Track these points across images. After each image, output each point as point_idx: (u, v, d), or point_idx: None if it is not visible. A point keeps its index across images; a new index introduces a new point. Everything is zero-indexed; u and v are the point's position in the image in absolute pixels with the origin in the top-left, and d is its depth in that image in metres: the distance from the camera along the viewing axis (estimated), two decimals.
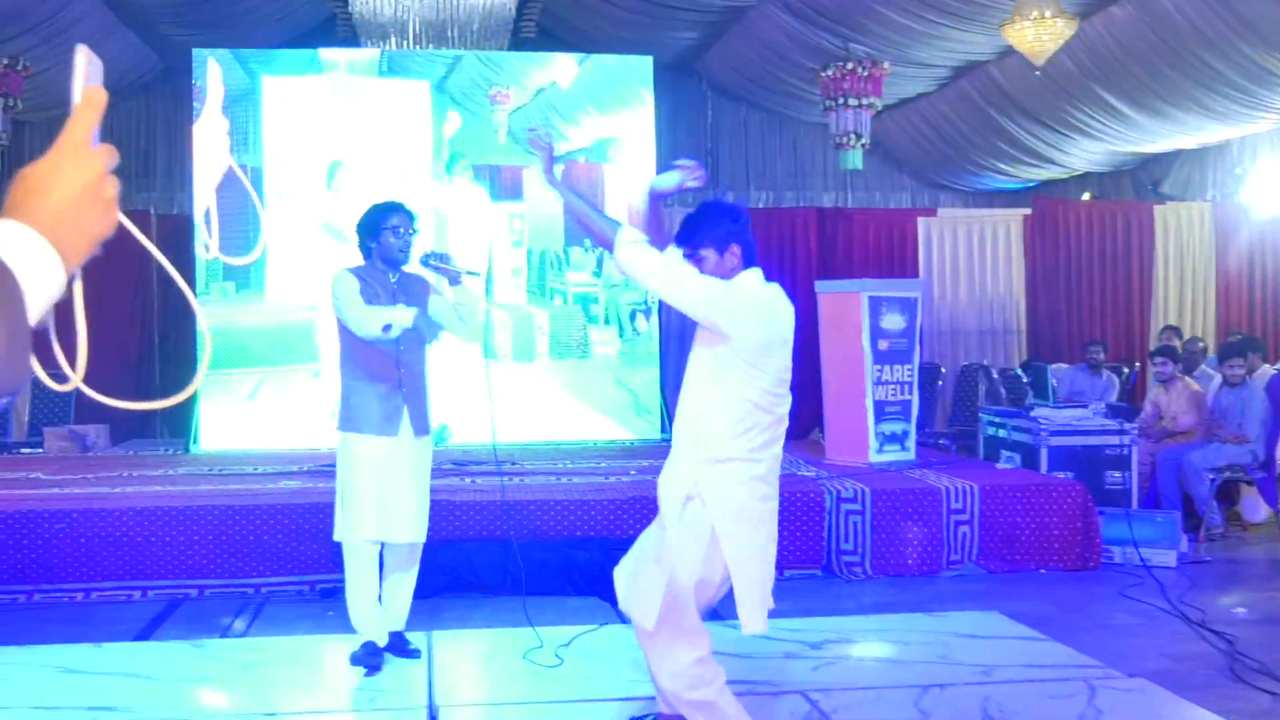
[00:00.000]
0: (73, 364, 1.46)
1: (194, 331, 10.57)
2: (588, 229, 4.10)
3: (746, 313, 3.85)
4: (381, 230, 5.09)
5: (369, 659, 5.06)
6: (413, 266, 5.21)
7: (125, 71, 11.79)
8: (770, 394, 3.86)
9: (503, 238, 11.02)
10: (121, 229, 1.42)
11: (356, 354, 5.08)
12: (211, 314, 10.38)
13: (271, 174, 10.69)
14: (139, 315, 11.82)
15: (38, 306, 1.26)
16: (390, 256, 5.10)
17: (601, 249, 4.12)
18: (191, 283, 10.54)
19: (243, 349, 10.44)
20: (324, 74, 10.96)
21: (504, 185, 11.10)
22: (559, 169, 4.45)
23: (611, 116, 11.26)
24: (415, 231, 5.16)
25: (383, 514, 4.99)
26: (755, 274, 4.00)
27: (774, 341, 3.88)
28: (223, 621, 6.21)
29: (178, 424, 11.36)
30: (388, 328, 4.87)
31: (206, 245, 10.51)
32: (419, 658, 5.21)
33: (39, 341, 1.28)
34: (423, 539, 5.15)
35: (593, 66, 11.40)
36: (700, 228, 3.95)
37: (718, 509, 3.86)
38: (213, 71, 10.50)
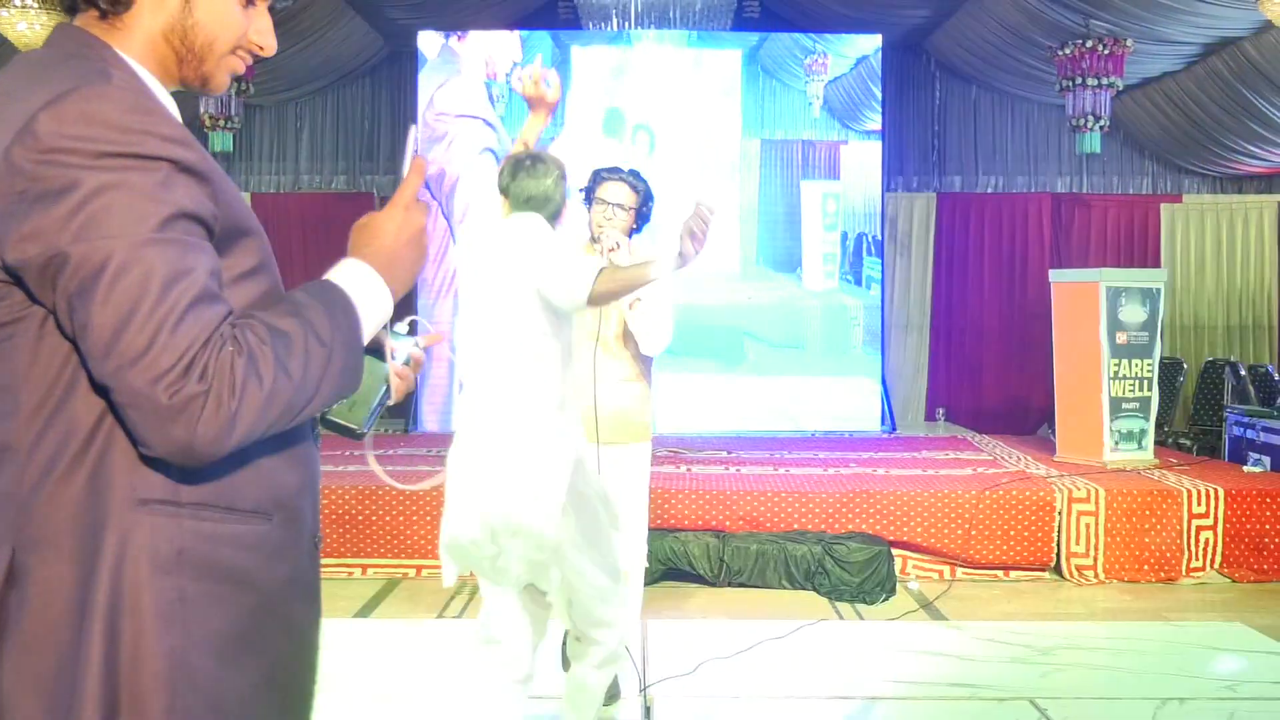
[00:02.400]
0: None
1: (413, 309, 10.71)
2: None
3: None
4: (591, 199, 4.47)
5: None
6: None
7: (351, 55, 12.09)
8: None
9: (814, 219, 10.81)
10: (342, 207, 1.71)
11: None
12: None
13: (577, 146, 10.75)
14: None
15: (370, 327, 1.66)
16: (592, 233, 4.45)
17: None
18: None
19: None
20: (633, 45, 11.00)
21: (817, 161, 10.90)
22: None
23: None
24: (632, 210, 4.38)
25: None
26: None
27: None
28: (440, 601, 6.28)
29: (398, 404, 11.62)
30: None
31: None
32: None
33: None
34: None
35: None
36: None
37: None
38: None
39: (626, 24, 11.00)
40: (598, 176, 4.47)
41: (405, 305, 1.80)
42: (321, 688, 1.78)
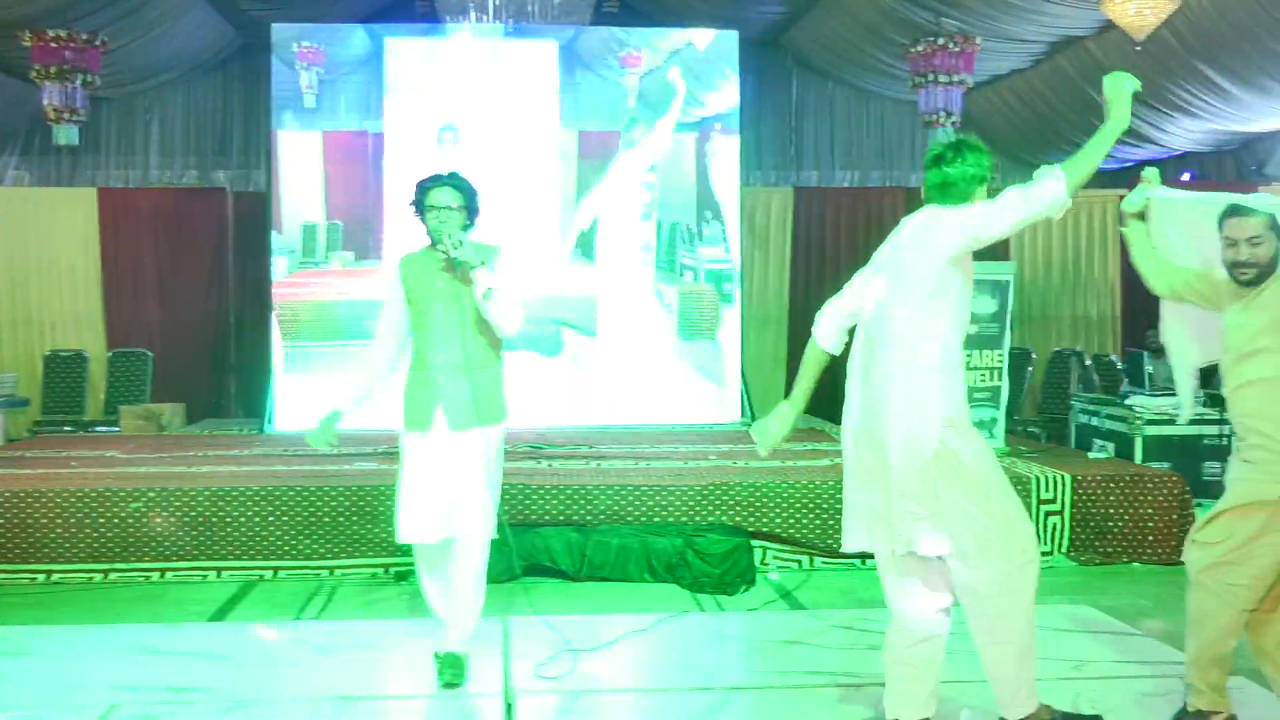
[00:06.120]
0: None
1: (268, 309, 10.59)
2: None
3: None
4: (422, 208, 4.74)
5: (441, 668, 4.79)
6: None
7: (202, 47, 11.84)
8: None
9: (632, 210, 10.88)
10: (193, 203, 1.29)
11: (413, 345, 4.81)
12: (328, 284, 10.46)
13: (393, 138, 10.66)
14: (214, 291, 11.90)
15: None
16: (431, 238, 4.72)
17: None
18: (310, 252, 10.60)
19: (357, 321, 10.40)
20: (448, 37, 10.91)
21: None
22: None
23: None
24: (467, 209, 4.72)
25: (412, 512, 4.69)
26: None
27: None
28: (297, 603, 6.19)
29: (253, 404, 11.42)
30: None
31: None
32: (454, 683, 4.71)
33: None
34: (452, 536, 4.65)
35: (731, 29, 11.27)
36: None
37: None
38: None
39: (485, 18, 10.94)
40: (422, 187, 4.75)
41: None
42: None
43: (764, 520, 6.88)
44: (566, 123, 10.89)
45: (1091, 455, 8.21)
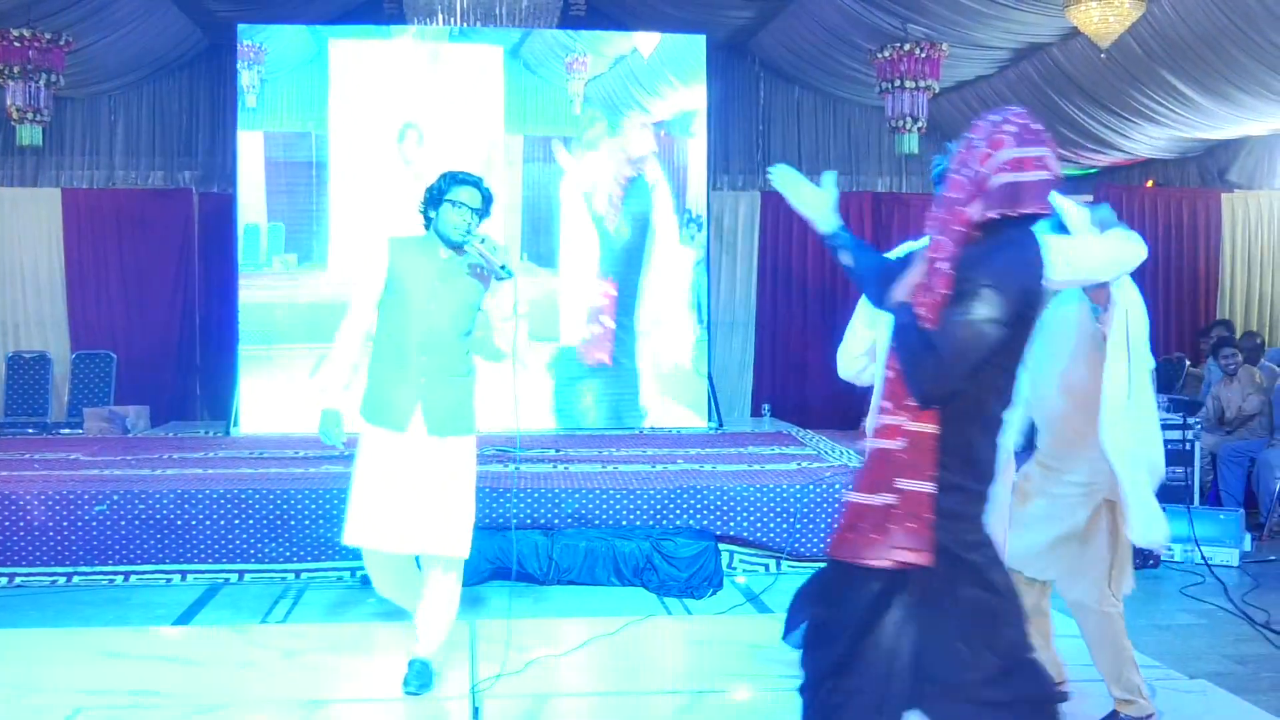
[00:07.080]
0: None
1: (234, 310, 10.56)
2: None
3: None
4: (443, 201, 4.57)
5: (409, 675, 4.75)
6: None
7: (168, 48, 11.75)
8: None
9: (575, 215, 10.93)
10: (158, 204, 1.30)
11: (382, 333, 4.64)
12: (270, 287, 10.43)
13: (337, 140, 10.61)
14: (180, 293, 11.83)
15: None
16: (445, 233, 4.57)
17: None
18: (252, 255, 10.58)
19: (300, 324, 10.38)
20: (393, 39, 10.90)
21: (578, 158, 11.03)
22: None
23: (696, 88, 11.11)
24: (481, 212, 4.61)
25: (376, 517, 4.51)
26: None
27: None
28: (263, 607, 6.17)
29: (218, 406, 11.36)
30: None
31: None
32: (419, 691, 4.67)
33: None
34: (426, 550, 4.59)
35: (678, 35, 11.31)
36: None
37: None
38: None
39: (453, 20, 10.92)
40: (452, 180, 4.61)
41: None
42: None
43: (731, 524, 6.90)
44: (511, 127, 10.90)
45: None
